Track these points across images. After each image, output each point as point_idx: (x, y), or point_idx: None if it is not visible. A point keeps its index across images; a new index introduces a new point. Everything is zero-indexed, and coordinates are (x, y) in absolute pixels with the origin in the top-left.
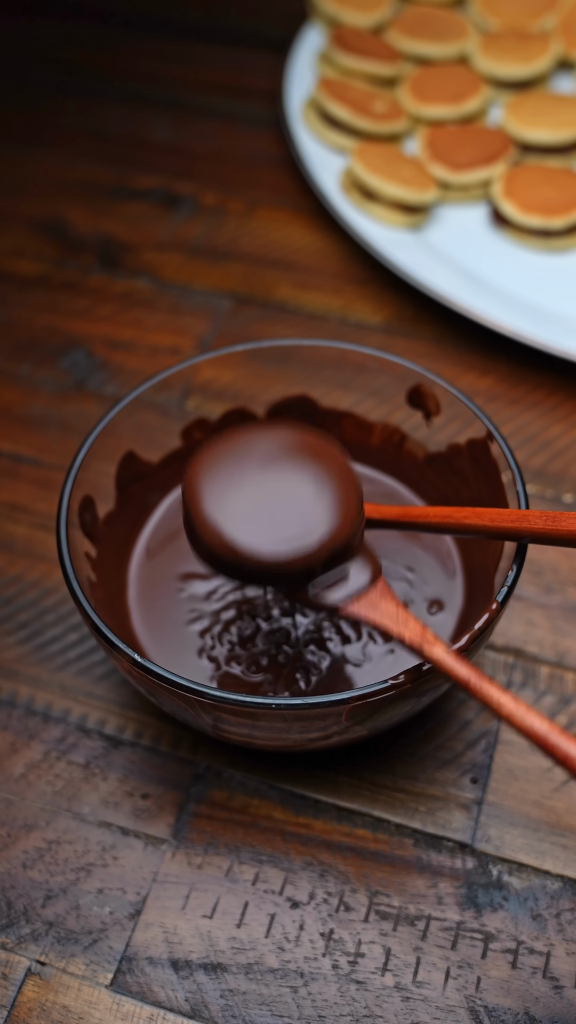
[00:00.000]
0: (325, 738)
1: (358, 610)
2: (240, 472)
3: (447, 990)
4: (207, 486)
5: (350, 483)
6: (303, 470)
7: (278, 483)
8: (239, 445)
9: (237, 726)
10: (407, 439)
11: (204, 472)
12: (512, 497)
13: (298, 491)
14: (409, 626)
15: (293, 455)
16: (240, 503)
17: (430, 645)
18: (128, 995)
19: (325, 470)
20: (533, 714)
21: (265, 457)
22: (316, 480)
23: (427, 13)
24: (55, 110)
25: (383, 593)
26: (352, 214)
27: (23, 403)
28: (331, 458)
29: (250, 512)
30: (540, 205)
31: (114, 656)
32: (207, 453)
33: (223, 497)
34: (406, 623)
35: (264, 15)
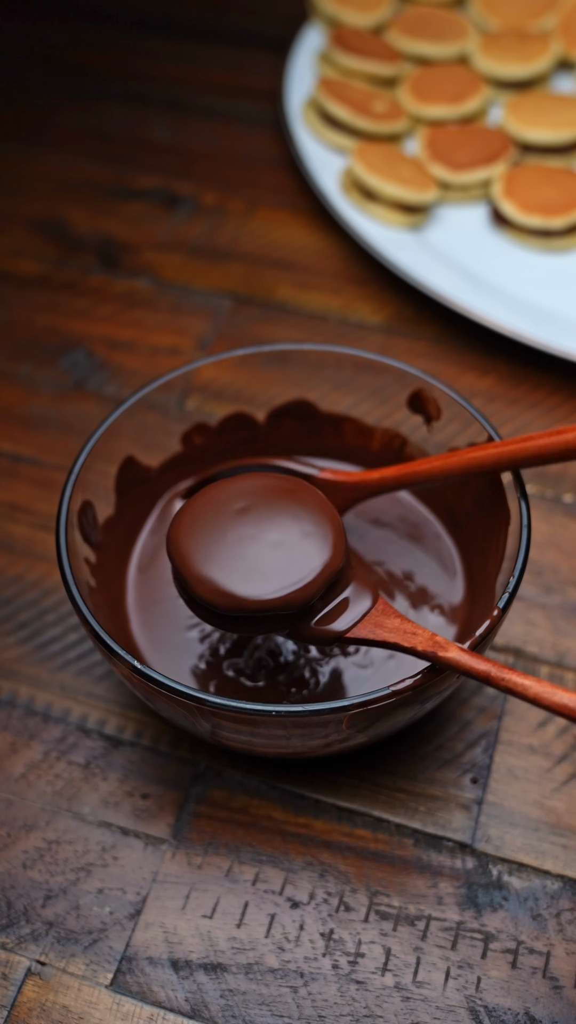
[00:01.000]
0: (326, 745)
1: (364, 633)
2: (221, 526)
3: (447, 990)
4: (192, 546)
5: (328, 513)
6: (281, 512)
7: (260, 528)
8: (214, 501)
9: (237, 733)
10: (407, 443)
11: (186, 533)
12: (513, 498)
13: (281, 532)
14: (418, 636)
15: (268, 499)
16: (228, 555)
17: (443, 650)
18: (128, 995)
19: (302, 506)
20: (560, 691)
21: (241, 508)
22: (296, 517)
23: (427, 13)
24: (55, 110)
25: (385, 611)
26: (352, 214)
27: (23, 403)
28: (305, 493)
29: (240, 561)
30: (540, 205)
31: (113, 662)
32: (185, 515)
33: (210, 553)
34: (414, 634)
35: (264, 15)
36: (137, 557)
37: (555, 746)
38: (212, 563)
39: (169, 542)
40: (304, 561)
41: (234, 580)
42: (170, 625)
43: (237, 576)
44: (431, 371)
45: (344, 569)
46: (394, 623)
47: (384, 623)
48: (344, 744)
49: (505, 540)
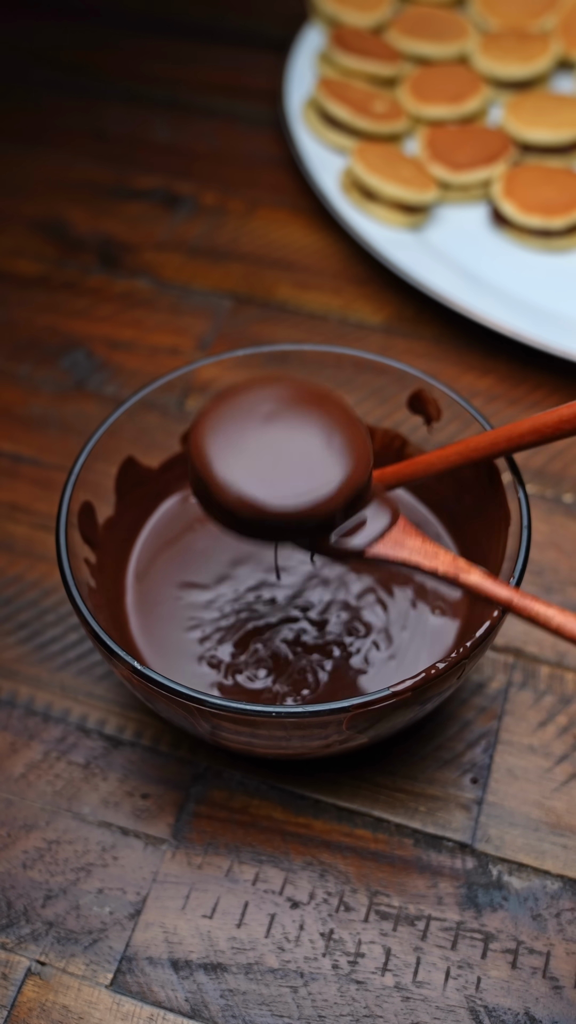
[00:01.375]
0: (326, 747)
1: (384, 551)
2: (246, 430)
3: (447, 990)
4: (215, 449)
5: (356, 427)
6: (308, 420)
7: (285, 436)
8: (240, 404)
9: (236, 734)
10: (408, 444)
11: (210, 435)
12: (513, 498)
13: (307, 441)
14: (440, 557)
15: (295, 407)
16: (252, 460)
17: (465, 573)
18: (128, 995)
19: (329, 417)
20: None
21: (268, 412)
22: (323, 428)
23: (427, 13)
24: (55, 110)
25: (406, 530)
26: (352, 214)
27: (23, 403)
28: (333, 405)
29: (264, 467)
30: (540, 205)
31: (113, 663)
32: (209, 417)
33: (234, 457)
34: (436, 555)
35: (264, 15)
36: (136, 558)
37: (555, 746)
38: (235, 468)
39: (191, 444)
40: (329, 472)
41: (257, 486)
42: (170, 627)
43: (260, 482)
44: (431, 371)
45: (368, 482)
46: (415, 543)
47: (405, 542)
48: (344, 745)
49: (505, 540)
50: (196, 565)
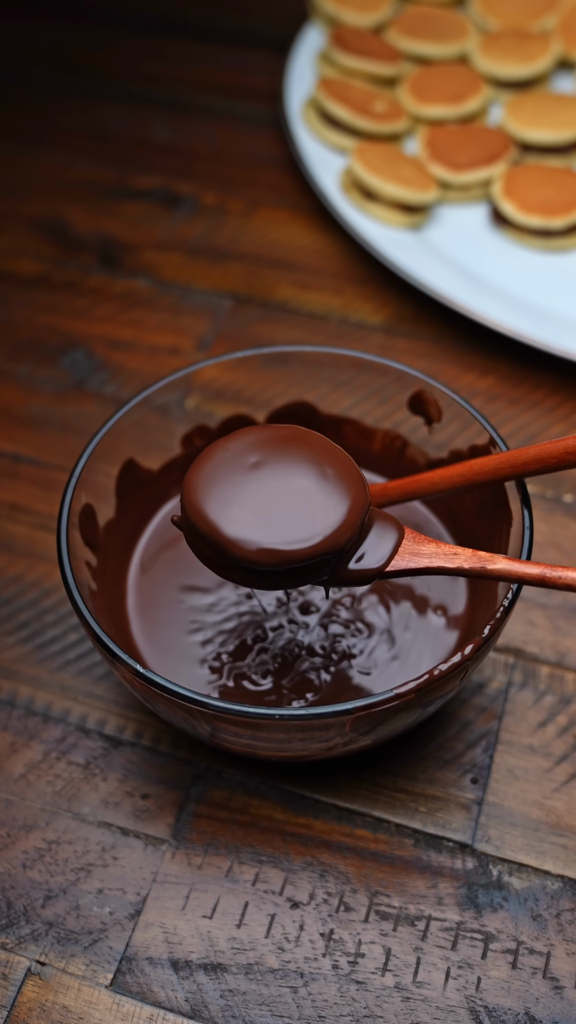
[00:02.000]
0: (328, 749)
1: (403, 564)
2: (238, 484)
3: (447, 990)
4: (216, 510)
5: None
6: (295, 460)
7: (278, 481)
8: (223, 461)
9: (238, 736)
10: (408, 445)
11: (205, 499)
12: (514, 498)
13: (301, 480)
14: (460, 555)
15: (278, 450)
16: (256, 512)
17: (491, 563)
18: (128, 995)
19: (313, 452)
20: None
21: (254, 463)
22: (311, 463)
23: (427, 13)
24: (55, 110)
25: (417, 539)
26: (352, 214)
27: (23, 403)
28: (313, 440)
29: (270, 516)
30: (540, 205)
31: (115, 665)
32: (198, 481)
33: (238, 513)
34: (456, 554)
35: (264, 15)
36: (138, 560)
37: (555, 746)
38: (243, 524)
39: (190, 509)
40: (334, 502)
41: (272, 535)
42: (171, 629)
43: (273, 530)
44: (431, 371)
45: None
46: (430, 548)
47: (420, 550)
48: (346, 748)
49: (507, 541)
50: (198, 568)
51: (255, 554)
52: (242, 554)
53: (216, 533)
